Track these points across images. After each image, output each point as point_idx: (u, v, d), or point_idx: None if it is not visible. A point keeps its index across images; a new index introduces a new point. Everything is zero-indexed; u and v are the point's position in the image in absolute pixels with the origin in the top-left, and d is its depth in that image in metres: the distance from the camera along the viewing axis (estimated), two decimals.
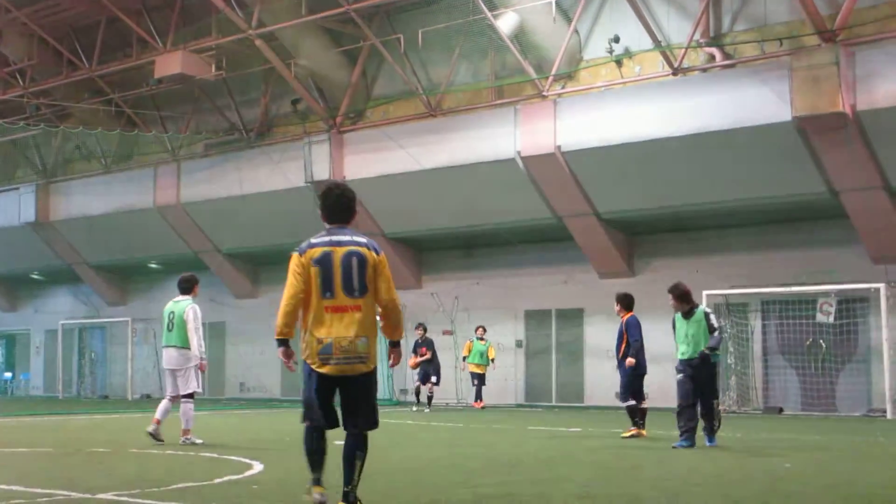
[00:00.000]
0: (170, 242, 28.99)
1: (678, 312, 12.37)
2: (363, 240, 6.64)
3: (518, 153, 21.78)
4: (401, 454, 11.26)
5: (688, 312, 12.28)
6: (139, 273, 32.53)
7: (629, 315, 13.78)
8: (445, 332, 25.40)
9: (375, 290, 6.55)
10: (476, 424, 17.32)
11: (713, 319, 12.24)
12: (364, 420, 6.54)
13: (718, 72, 20.19)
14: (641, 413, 13.75)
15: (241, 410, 23.24)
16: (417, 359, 22.43)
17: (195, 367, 12.55)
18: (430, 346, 22.56)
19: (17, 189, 31.95)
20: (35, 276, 35.38)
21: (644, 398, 13.87)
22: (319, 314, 6.46)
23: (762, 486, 8.31)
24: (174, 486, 8.15)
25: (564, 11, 22.10)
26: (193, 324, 12.44)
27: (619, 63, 21.67)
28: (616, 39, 21.43)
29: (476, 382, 23.42)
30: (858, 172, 18.65)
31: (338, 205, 6.72)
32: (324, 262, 6.48)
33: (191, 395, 12.53)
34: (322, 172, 24.25)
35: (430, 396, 22.42)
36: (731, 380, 21.46)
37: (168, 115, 29.44)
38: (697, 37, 20.30)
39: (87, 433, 15.78)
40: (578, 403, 23.69)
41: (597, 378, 23.26)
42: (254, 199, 26.18)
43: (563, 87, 22.19)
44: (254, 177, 26.27)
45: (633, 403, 13.63)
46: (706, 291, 20.51)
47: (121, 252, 30.79)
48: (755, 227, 21.68)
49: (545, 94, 21.91)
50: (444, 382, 23.13)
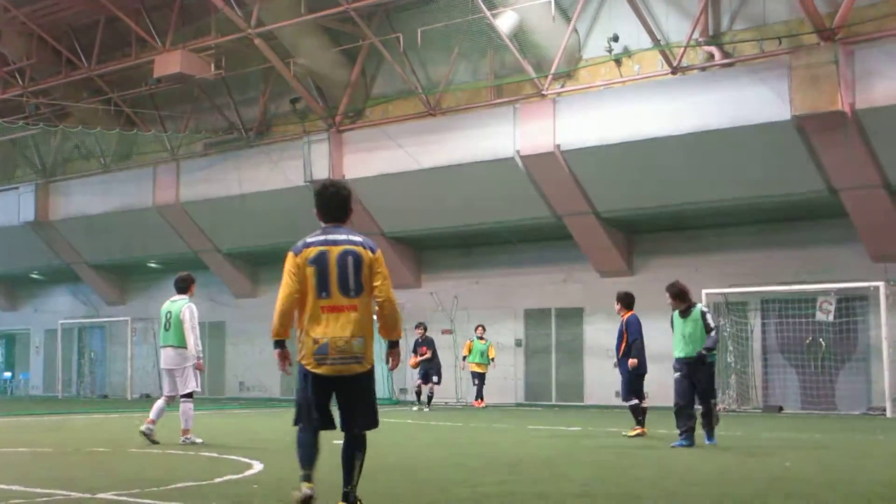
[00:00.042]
0: (169, 242, 28.99)
1: (676, 311, 12.38)
2: (359, 238, 6.58)
3: (517, 152, 21.78)
4: (401, 454, 11.26)
5: (685, 311, 12.27)
6: (138, 272, 32.52)
7: (629, 314, 13.77)
8: (445, 332, 25.39)
9: (372, 290, 6.50)
10: (476, 424, 17.32)
11: (710, 319, 12.20)
12: (363, 420, 6.49)
13: (717, 71, 20.20)
14: (642, 412, 13.76)
15: (241, 410, 23.24)
16: (418, 358, 22.43)
17: (193, 367, 12.55)
18: (431, 346, 22.56)
19: (17, 188, 31.96)
20: (34, 276, 35.37)
21: (644, 397, 13.87)
22: (315, 314, 6.40)
23: (762, 485, 8.31)
24: (174, 486, 8.16)
25: (563, 10, 22.09)
26: (190, 323, 12.44)
27: (619, 62, 21.67)
28: (615, 38, 21.42)
29: (477, 382, 23.44)
30: (858, 171, 18.66)
31: (333, 203, 6.65)
32: (319, 262, 6.42)
33: (190, 395, 12.52)
34: (321, 171, 24.23)
35: (430, 396, 22.41)
36: (731, 378, 21.46)
37: (167, 115, 29.43)
38: (696, 36, 20.29)
39: (87, 433, 15.79)
40: (578, 402, 23.69)
41: (596, 377, 23.28)
42: (253, 199, 26.17)
43: (563, 87, 22.19)
44: (253, 176, 26.26)
45: (637, 402, 13.62)
46: (706, 290, 20.51)
47: (120, 251, 30.78)
48: (755, 226, 21.68)
49: (544, 94, 21.91)
50: (444, 382, 23.12)
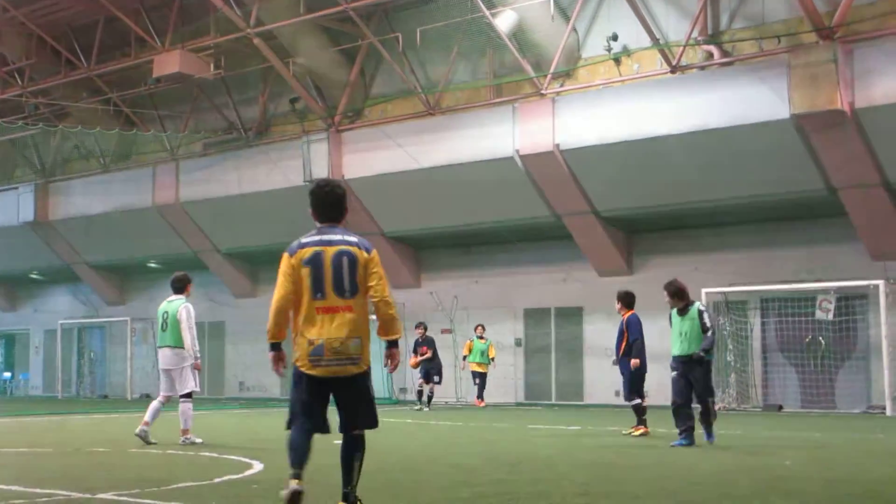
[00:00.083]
0: (169, 242, 28.98)
1: (674, 309, 12.37)
2: (354, 239, 6.50)
3: (516, 151, 21.78)
4: (401, 453, 11.25)
5: (683, 309, 12.24)
6: (138, 272, 32.51)
7: (630, 313, 13.75)
8: (444, 331, 25.39)
9: (367, 290, 6.42)
10: (476, 423, 17.32)
11: (706, 319, 12.09)
12: (363, 420, 6.45)
13: (717, 70, 20.19)
14: (642, 411, 13.75)
15: (241, 410, 23.23)
16: (418, 358, 22.43)
17: (191, 367, 12.54)
18: (431, 345, 22.55)
19: (16, 189, 31.97)
20: (34, 276, 35.37)
21: (644, 396, 13.86)
22: (310, 315, 6.34)
23: (762, 484, 8.31)
24: (174, 486, 8.16)
25: (563, 9, 22.09)
26: (187, 322, 12.41)
27: (618, 61, 21.66)
28: (614, 37, 21.40)
29: (478, 381, 23.44)
30: (857, 169, 18.66)
31: (327, 202, 6.60)
32: (314, 262, 6.36)
33: (189, 395, 12.51)
34: (321, 171, 24.22)
35: (430, 396, 22.41)
36: (731, 377, 21.46)
37: (167, 115, 29.42)
38: (696, 35, 20.28)
39: (87, 433, 15.78)
40: (578, 402, 23.70)
41: (596, 376, 23.28)
42: (253, 198, 26.18)
43: (562, 86, 22.18)
44: (253, 176, 26.26)
45: (639, 402, 13.62)
46: (705, 289, 20.52)
47: (120, 251, 30.78)
48: (754, 225, 21.68)
49: (543, 93, 21.90)
50: (444, 381, 23.12)
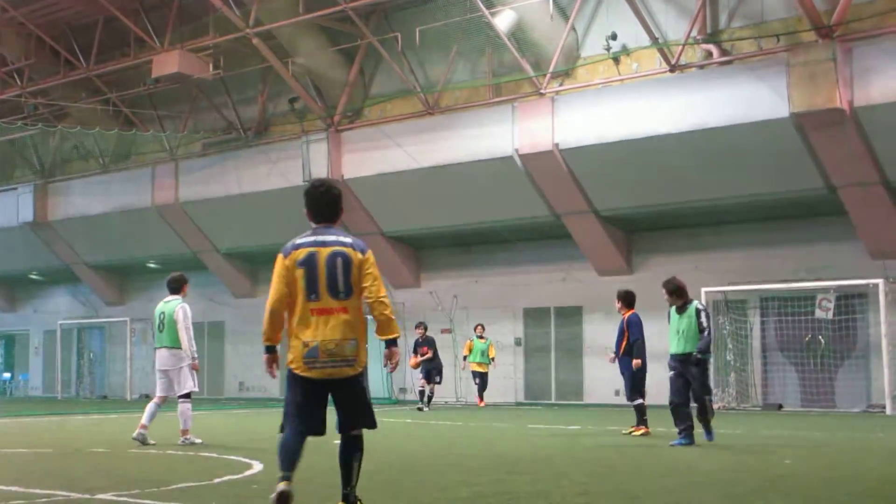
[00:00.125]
0: (168, 242, 28.98)
1: (672, 307, 12.37)
2: (348, 240, 6.47)
3: (516, 151, 21.78)
4: (400, 453, 11.25)
5: (681, 307, 12.23)
6: (137, 273, 32.49)
7: (630, 312, 13.74)
8: (444, 331, 25.38)
9: (362, 291, 6.38)
10: (475, 423, 17.32)
11: (703, 318, 12.03)
12: (363, 420, 6.45)
13: (716, 68, 20.19)
14: (643, 411, 13.74)
15: (241, 410, 23.23)
16: (418, 358, 22.42)
17: (189, 367, 12.52)
18: (432, 345, 22.54)
19: (16, 189, 31.95)
20: (33, 277, 35.35)
21: (644, 396, 13.85)
22: (305, 317, 6.32)
23: (762, 483, 8.31)
24: (174, 486, 8.15)
25: (562, 9, 22.09)
26: (183, 323, 12.40)
27: (617, 60, 21.66)
28: (613, 37, 21.40)
29: (478, 381, 23.43)
30: (856, 168, 18.66)
31: (322, 203, 6.53)
32: (308, 264, 6.32)
33: (188, 395, 12.49)
34: (320, 171, 24.21)
35: (430, 395, 22.40)
36: (731, 376, 21.46)
37: (166, 115, 29.41)
38: (695, 34, 20.29)
39: (87, 433, 15.78)
40: (577, 401, 23.70)
41: (596, 376, 23.26)
42: (252, 199, 26.17)
43: (561, 85, 22.18)
44: (252, 176, 26.26)
45: (641, 402, 13.60)
46: (705, 288, 20.51)
47: (119, 252, 30.77)
48: (753, 224, 21.67)
49: (543, 92, 21.90)
50: (443, 381, 23.12)
